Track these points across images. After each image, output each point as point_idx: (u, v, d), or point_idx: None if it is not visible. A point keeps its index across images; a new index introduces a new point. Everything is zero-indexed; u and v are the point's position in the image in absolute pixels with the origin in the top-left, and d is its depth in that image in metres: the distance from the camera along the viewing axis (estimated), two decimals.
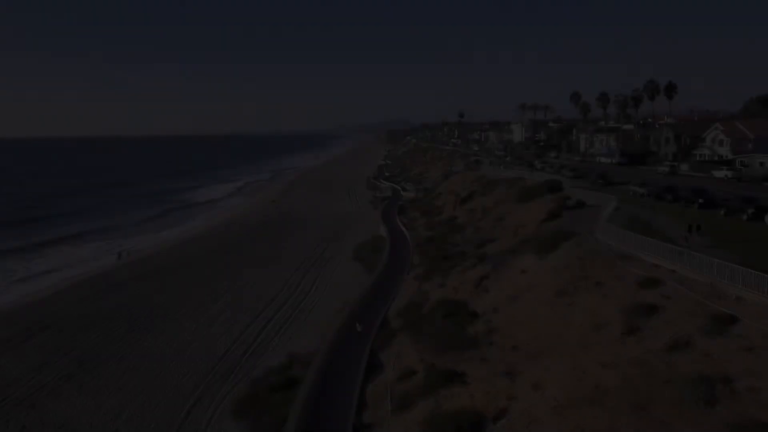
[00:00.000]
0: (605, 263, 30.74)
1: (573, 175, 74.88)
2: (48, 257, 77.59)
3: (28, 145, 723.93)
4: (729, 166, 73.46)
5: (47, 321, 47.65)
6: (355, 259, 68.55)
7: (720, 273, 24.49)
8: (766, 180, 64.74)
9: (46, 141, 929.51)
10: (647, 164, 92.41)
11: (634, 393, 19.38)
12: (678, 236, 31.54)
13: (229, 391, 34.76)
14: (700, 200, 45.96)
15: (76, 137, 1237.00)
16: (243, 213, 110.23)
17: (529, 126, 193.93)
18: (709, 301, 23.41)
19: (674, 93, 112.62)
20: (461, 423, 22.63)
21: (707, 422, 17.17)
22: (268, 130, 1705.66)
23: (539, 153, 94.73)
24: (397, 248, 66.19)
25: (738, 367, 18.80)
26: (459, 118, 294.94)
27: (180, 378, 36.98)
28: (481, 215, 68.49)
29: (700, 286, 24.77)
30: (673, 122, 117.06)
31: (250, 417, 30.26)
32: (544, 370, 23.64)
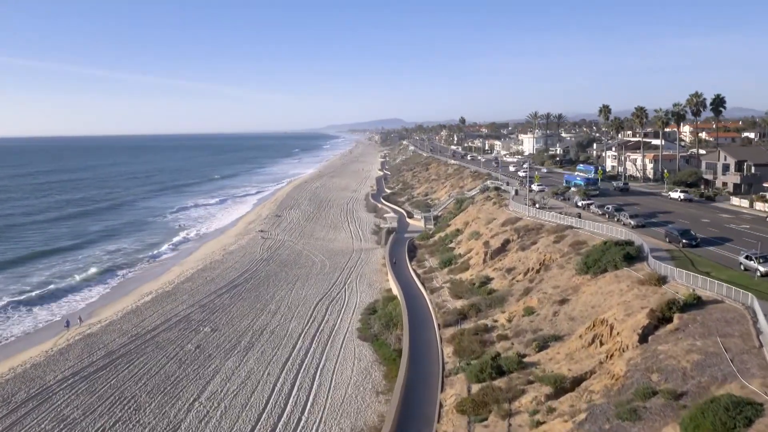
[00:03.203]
0: None
1: (635, 224, 59.04)
2: None
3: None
4: None
5: None
6: (363, 338, 53.40)
7: None
8: None
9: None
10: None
11: None
12: None
13: None
14: None
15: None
16: (225, 249, 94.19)
17: (541, 137, 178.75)
18: None
19: (722, 107, 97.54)
20: None
21: None
22: (254, 130, 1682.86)
23: (588, 192, 78.21)
24: (417, 326, 50.89)
25: None
26: (460, 123, 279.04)
27: None
28: (525, 282, 53.08)
29: None
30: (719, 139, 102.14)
31: None
32: None
